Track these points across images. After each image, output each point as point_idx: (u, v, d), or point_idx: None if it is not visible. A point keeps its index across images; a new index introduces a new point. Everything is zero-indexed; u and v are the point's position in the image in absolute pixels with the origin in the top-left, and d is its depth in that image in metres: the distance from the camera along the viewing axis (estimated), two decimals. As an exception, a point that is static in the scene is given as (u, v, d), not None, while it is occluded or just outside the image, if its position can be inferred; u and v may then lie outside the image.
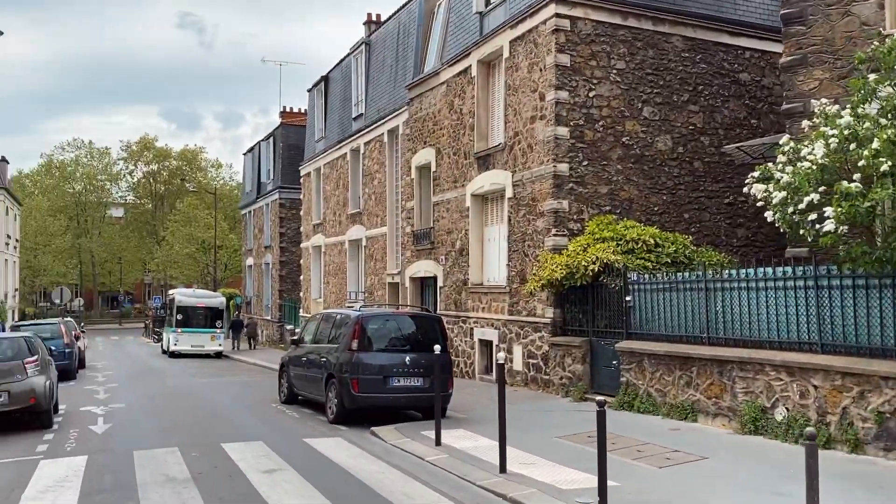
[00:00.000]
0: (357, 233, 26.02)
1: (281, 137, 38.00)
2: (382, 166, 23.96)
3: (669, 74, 16.16)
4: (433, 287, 20.88)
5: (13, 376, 11.87)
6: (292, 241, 37.66)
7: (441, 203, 19.78)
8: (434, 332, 12.80)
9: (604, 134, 15.52)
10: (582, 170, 15.28)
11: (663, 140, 16.08)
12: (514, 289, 16.32)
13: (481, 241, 18.26)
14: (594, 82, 15.44)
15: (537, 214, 15.55)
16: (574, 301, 14.55)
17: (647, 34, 15.96)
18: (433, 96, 20.36)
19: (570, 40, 15.26)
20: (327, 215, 29.43)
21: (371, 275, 24.73)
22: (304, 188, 32.76)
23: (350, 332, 12.30)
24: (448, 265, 19.34)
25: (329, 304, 29.09)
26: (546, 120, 15.32)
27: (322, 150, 30.13)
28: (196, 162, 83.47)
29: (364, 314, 12.51)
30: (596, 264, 13.54)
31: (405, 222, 21.99)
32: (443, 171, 19.75)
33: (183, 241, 66.32)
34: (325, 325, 13.84)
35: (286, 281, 37.76)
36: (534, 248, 15.65)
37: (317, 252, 31.27)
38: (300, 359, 14.31)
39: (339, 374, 12.31)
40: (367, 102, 25.53)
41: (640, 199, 15.81)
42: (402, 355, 12.29)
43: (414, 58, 21.90)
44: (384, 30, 24.76)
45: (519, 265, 16.15)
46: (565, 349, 14.44)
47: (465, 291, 18.49)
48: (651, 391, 12.07)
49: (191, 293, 34.41)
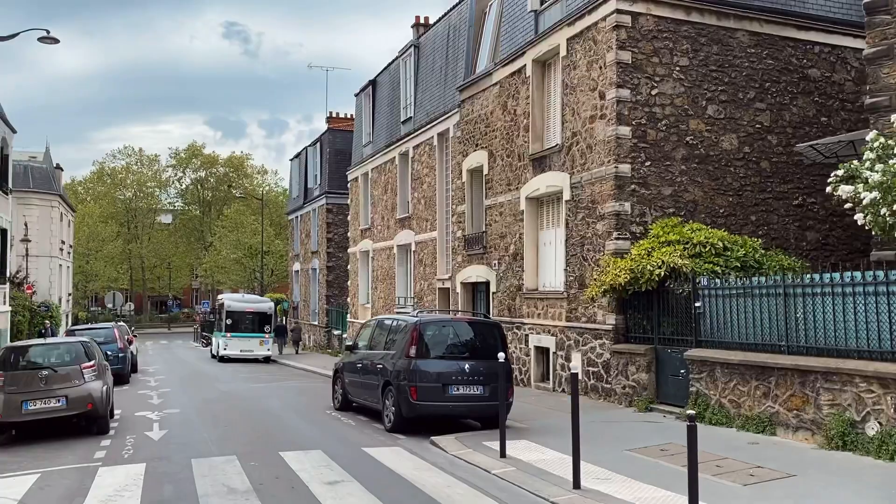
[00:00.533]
0: (406, 237, 25.75)
1: (328, 143, 38.02)
2: (432, 170, 23.66)
3: (734, 71, 15.52)
4: (485, 293, 20.45)
5: (71, 381, 11.81)
6: (339, 246, 37.60)
7: (494, 207, 19.37)
8: (493, 339, 12.39)
9: (667, 133, 14.95)
10: (644, 170, 14.73)
11: (729, 139, 15.44)
12: (572, 294, 15.82)
13: (536, 245, 17.79)
14: (656, 80, 14.88)
15: (597, 217, 15.04)
16: (637, 307, 14.00)
17: (711, 29, 15.35)
18: (485, 98, 19.98)
19: (632, 37, 14.74)
20: (375, 220, 29.24)
21: (420, 280, 24.42)
22: (352, 193, 32.65)
23: (408, 339, 11.96)
24: (501, 270, 18.91)
25: (377, 309, 28.89)
26: (607, 119, 14.82)
27: (370, 155, 29.97)
28: (242, 168, 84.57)
29: (422, 320, 12.16)
30: (662, 269, 12.99)
31: (456, 227, 21.63)
32: (495, 173, 19.34)
33: (230, 247, 67.07)
34: (380, 331, 13.53)
35: (333, 286, 37.71)
36: (594, 252, 15.13)
37: (364, 257, 31.10)
38: (355, 365, 14.02)
39: (396, 382, 11.97)
40: (416, 106, 25.27)
41: (705, 200, 15.18)
42: (460, 363, 11.90)
43: (465, 59, 21.56)
44: (433, 32, 24.48)
45: (577, 270, 15.64)
46: (628, 357, 13.89)
47: (519, 297, 18.03)
48: (724, 402, 11.47)
49: (240, 298, 34.59)
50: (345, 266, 37.32)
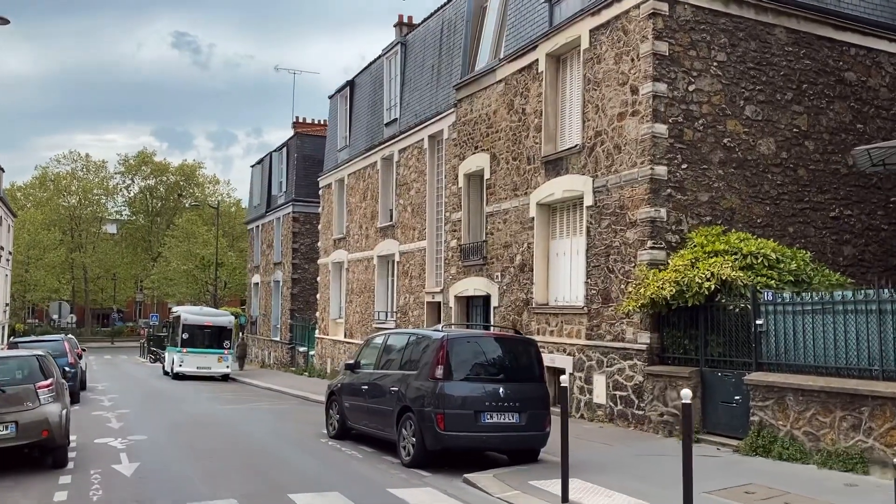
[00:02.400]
0: (388, 247, 23.96)
1: (295, 148, 36.02)
2: (421, 175, 21.99)
3: (772, 70, 14.30)
4: (483, 307, 18.79)
5: (22, 404, 9.71)
6: (306, 257, 35.52)
7: (496, 214, 17.78)
8: (528, 359, 10.74)
9: (704, 134, 13.61)
10: (681, 174, 13.34)
11: (766, 143, 14.18)
12: (594, 309, 14.29)
13: (547, 255, 16.25)
14: (693, 75, 13.55)
15: (627, 224, 13.57)
16: (676, 324, 12.52)
17: (749, 24, 14.12)
18: (487, 96, 18.44)
19: (668, 26, 13.39)
20: (351, 229, 27.36)
21: (405, 293, 22.63)
22: (324, 201, 30.72)
23: (433, 357, 10.20)
24: (505, 283, 17.30)
25: (351, 325, 26.94)
26: (640, 116, 13.40)
27: (346, 160, 28.14)
28: (194, 177, 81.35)
29: (450, 335, 10.42)
30: (711, 281, 11.56)
31: (450, 235, 19.95)
32: (498, 178, 17.78)
33: (181, 258, 64.08)
34: (392, 349, 11.72)
35: (298, 300, 35.56)
36: (622, 262, 13.64)
37: (337, 269, 29.15)
38: (358, 387, 12.17)
39: (418, 408, 10.19)
40: (403, 107, 23.61)
41: (742, 208, 13.86)
42: (494, 386, 10.19)
43: (462, 56, 20.02)
44: (423, 29, 22.92)
45: (602, 283, 14.12)
46: (667, 380, 12.38)
47: (527, 312, 16.42)
48: (797, 434, 10.02)
49: (197, 311, 32.19)
50: (312, 278, 35.24)
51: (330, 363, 28.78)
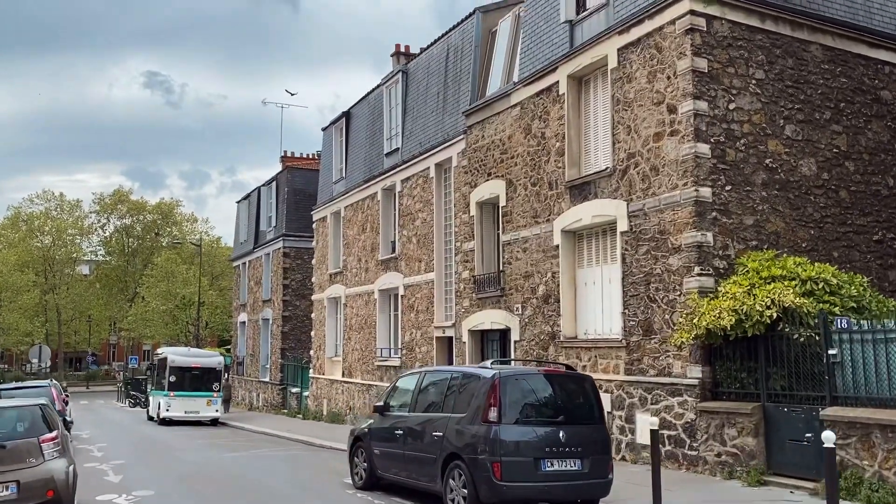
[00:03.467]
0: (391, 281, 22.95)
1: (285, 182, 35.03)
2: (427, 204, 21.12)
3: (810, 88, 13.73)
4: (501, 341, 17.83)
5: (25, 460, 8.52)
6: (297, 293, 34.34)
7: (514, 242, 16.91)
8: (586, 398, 9.78)
9: (746, 154, 12.92)
10: (725, 196, 12.60)
11: (808, 164, 13.53)
12: (633, 342, 13.39)
13: (574, 285, 15.38)
14: (733, 93, 12.90)
15: (670, 250, 12.76)
16: (731, 356, 11.66)
17: (786, 41, 13.56)
18: (501, 121, 17.70)
19: (707, 43, 12.76)
20: (349, 263, 26.33)
21: (412, 328, 21.58)
22: (318, 234, 29.68)
23: (485, 398, 9.19)
24: (527, 315, 16.37)
25: (350, 363, 25.76)
26: (680, 136, 12.68)
27: (342, 192, 27.21)
28: (172, 216, 79.78)
29: (503, 373, 9.42)
30: (772, 309, 10.74)
31: (461, 266, 19.03)
32: (516, 205, 16.95)
33: (160, 298, 62.37)
34: (430, 388, 10.68)
35: (289, 338, 34.26)
36: (665, 291, 12.79)
37: (333, 304, 28.02)
38: (390, 432, 11.08)
39: (469, 455, 9.16)
40: (405, 136, 22.81)
41: (787, 232, 13.13)
42: (553, 429, 9.20)
43: (471, 82, 19.33)
44: (427, 56, 22.24)
45: (642, 313, 13.25)
46: (724, 417, 11.46)
47: (554, 346, 15.48)
48: (887, 474, 9.14)
49: (185, 352, 30.77)
50: (303, 316, 34.02)
51: (326, 405, 27.50)
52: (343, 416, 25.63)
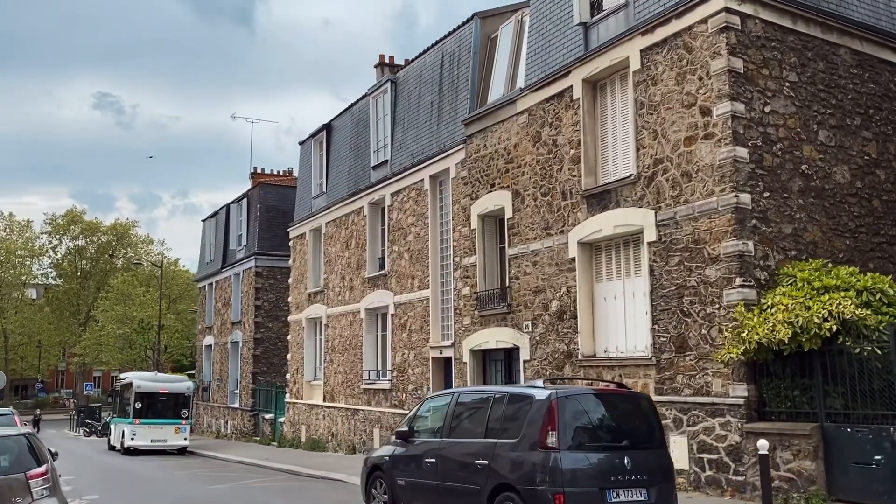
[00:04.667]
0: (379, 299, 21.80)
1: (258, 199, 33.67)
2: (421, 218, 20.10)
3: (840, 93, 13.17)
4: (505, 361, 16.83)
5: (10, 500, 7.19)
6: (270, 315, 32.87)
7: (523, 256, 15.99)
8: (647, 419, 8.84)
9: (782, 160, 12.25)
10: (764, 203, 11.88)
11: (841, 171, 12.93)
12: (664, 359, 12.52)
13: (591, 300, 14.49)
14: (768, 95, 12.25)
15: (706, 261, 11.96)
16: (779, 373, 10.85)
17: (817, 43, 13.01)
18: (506, 129, 16.85)
19: (741, 42, 12.10)
20: (331, 281, 25.08)
21: (404, 349, 20.43)
22: (296, 252, 28.36)
23: (542, 421, 8.17)
24: (538, 333, 15.41)
25: (332, 386, 24.43)
26: (716, 139, 11.95)
27: (323, 207, 26.03)
28: (127, 237, 77.12)
29: (560, 393, 8.41)
30: (831, 322, 9.98)
31: (461, 282, 18.02)
32: (524, 217, 16.06)
33: (115, 322, 59.81)
34: (468, 411, 9.60)
35: (261, 361, 32.69)
36: (701, 304, 11.97)
37: (313, 325, 26.69)
38: (418, 461, 9.94)
39: (524, 486, 8.10)
40: (395, 148, 21.82)
41: (824, 242, 12.47)
42: (618, 455, 8.21)
43: (470, 90, 18.48)
44: (419, 64, 21.35)
45: (674, 328, 12.40)
46: (777, 439, 10.61)
47: (570, 365, 14.54)
48: (978, 500, 8.36)
49: (152, 377, 29.13)
50: (277, 338, 32.57)
51: (305, 431, 26.05)
52: (324, 444, 24.24)
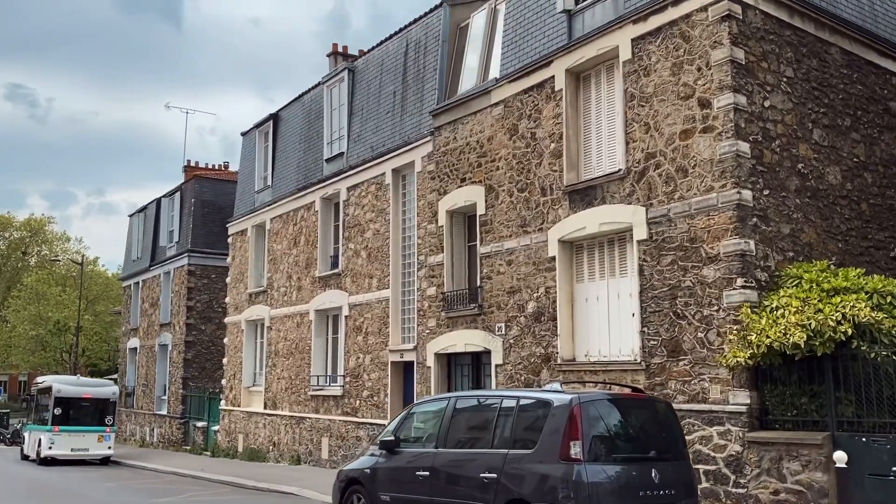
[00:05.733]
0: (332, 299, 20.57)
1: (192, 193, 31.81)
2: (381, 214, 19.02)
3: (832, 92, 12.84)
4: (473, 365, 15.92)
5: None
6: (203, 316, 31.04)
7: (496, 255, 15.13)
8: (669, 427, 8.08)
9: (780, 157, 11.78)
10: (763, 201, 11.36)
11: (833, 172, 12.57)
12: (655, 364, 11.83)
13: (571, 301, 13.74)
14: (767, 90, 11.76)
15: (704, 260, 11.34)
16: (784, 380, 10.29)
17: (810, 40, 12.64)
18: (479, 122, 15.99)
19: (742, 32, 11.59)
20: (276, 280, 23.67)
21: (359, 353, 19.26)
22: (235, 250, 26.77)
23: (563, 429, 7.26)
24: (512, 336, 14.56)
25: (275, 393, 22.99)
26: (716, 132, 11.36)
27: (268, 202, 24.60)
28: (42, 233, 72.94)
29: (584, 398, 7.51)
30: (845, 325, 9.46)
31: (426, 282, 17.03)
32: (498, 213, 15.22)
33: (28, 322, 56.13)
34: (469, 417, 8.62)
35: (193, 366, 30.80)
36: (697, 306, 11.33)
37: (253, 327, 25.17)
38: (409, 473, 8.89)
39: (542, 502, 7.17)
40: (352, 139, 20.68)
41: (819, 244, 12.05)
42: (646, 467, 7.39)
43: (438, 80, 17.55)
44: (380, 52, 20.30)
45: (666, 331, 11.73)
46: (783, 449, 10.02)
47: (547, 370, 13.73)
48: None
49: (73, 381, 26.96)
50: (210, 341, 30.78)
51: (243, 440, 24.48)
52: (265, 453, 22.77)
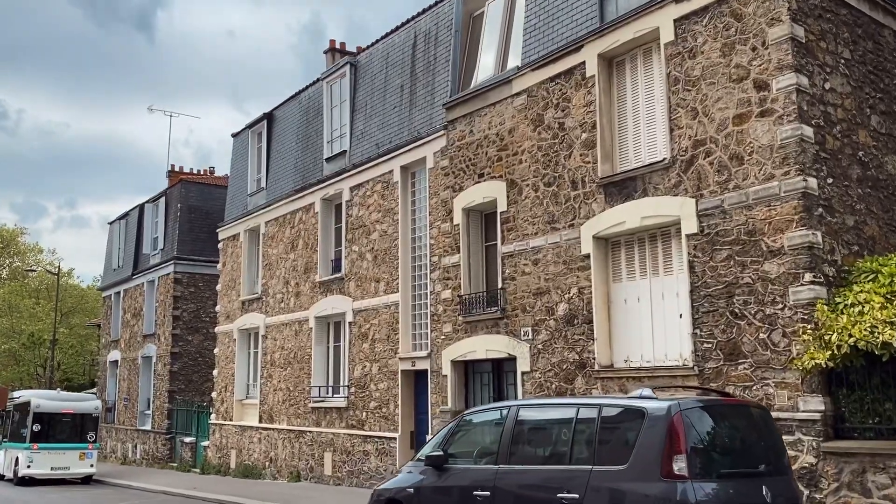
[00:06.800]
0: (335, 305, 19.41)
1: (178, 198, 30.49)
2: (389, 214, 17.93)
3: (887, 77, 12.03)
4: (495, 373, 14.85)
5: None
6: (189, 326, 29.66)
7: (520, 254, 14.11)
8: (774, 438, 7.04)
9: (842, 143, 10.91)
10: (828, 190, 10.46)
11: (892, 161, 11.73)
12: (710, 369, 10.85)
13: (607, 302, 12.74)
14: (827, 71, 10.91)
15: (765, 254, 10.40)
16: (861, 384, 9.35)
17: (865, 21, 11.83)
18: (497, 113, 15.00)
19: (801, 9, 10.72)
20: (272, 287, 22.44)
21: (365, 362, 18.10)
22: (226, 255, 25.49)
23: (663, 441, 6.22)
24: (540, 341, 13.53)
25: (271, 405, 21.72)
26: (776, 116, 10.46)
27: (262, 205, 23.41)
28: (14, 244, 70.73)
29: (685, 404, 6.48)
30: (939, 322, 8.55)
31: (441, 285, 15.95)
32: (521, 209, 14.22)
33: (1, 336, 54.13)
34: (537, 429, 7.54)
35: (179, 379, 29.38)
36: (758, 304, 10.38)
37: (247, 336, 23.90)
38: (463, 494, 7.77)
39: (639, 527, 6.12)
40: (355, 136, 19.60)
41: (881, 238, 11.18)
42: (756, 484, 6.37)
43: (451, 71, 16.56)
44: (386, 45, 19.27)
45: (723, 333, 10.76)
46: (867, 461, 9.06)
47: (582, 377, 12.70)
48: None
49: (53, 395, 25.51)
50: (197, 352, 29.41)
51: (235, 456, 23.15)
52: (260, 470, 21.48)
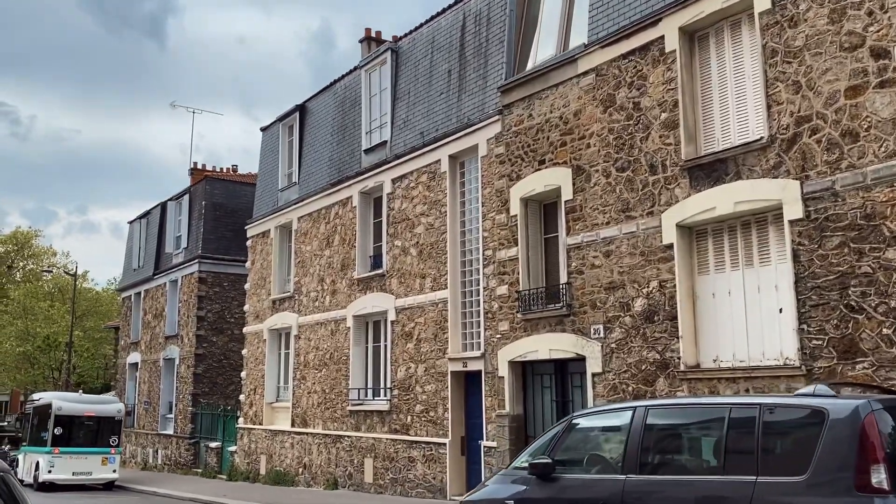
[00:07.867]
0: (375, 303, 18.39)
1: (202, 195, 29.59)
2: (435, 206, 16.91)
3: None
4: (559, 375, 13.77)
5: None
6: (214, 327, 28.71)
7: (589, 245, 13.06)
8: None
9: (966, 118, 9.82)
10: (956, 169, 9.38)
11: None
12: (821, 368, 9.75)
13: (692, 296, 11.66)
14: (949, 38, 9.83)
15: (887, 240, 9.31)
16: None
17: (982, -14, 10.75)
18: (561, 95, 13.97)
19: (923, -32, 9.67)
20: (305, 285, 21.45)
21: (409, 362, 17.06)
22: (256, 253, 24.53)
23: (853, 447, 5.15)
24: (614, 339, 12.45)
25: (305, 409, 20.70)
26: (899, 86, 9.39)
27: (294, 201, 22.45)
28: (29, 247, 70.20)
29: (876, 404, 5.40)
30: None
31: (496, 280, 14.91)
32: (590, 197, 13.16)
33: (16, 339, 53.38)
34: (673, 433, 6.47)
35: (203, 381, 28.42)
36: (879, 296, 9.28)
37: (277, 337, 22.91)
38: (578, 506, 6.72)
39: (828, 552, 5.04)
40: (396, 126, 18.62)
41: None
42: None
43: (506, 52, 15.55)
44: (430, 29, 18.29)
45: (836, 328, 9.67)
46: None
47: (665, 378, 11.62)
48: None
49: (75, 398, 24.68)
50: (222, 354, 28.46)
51: (265, 462, 22.13)
52: (293, 477, 20.44)
